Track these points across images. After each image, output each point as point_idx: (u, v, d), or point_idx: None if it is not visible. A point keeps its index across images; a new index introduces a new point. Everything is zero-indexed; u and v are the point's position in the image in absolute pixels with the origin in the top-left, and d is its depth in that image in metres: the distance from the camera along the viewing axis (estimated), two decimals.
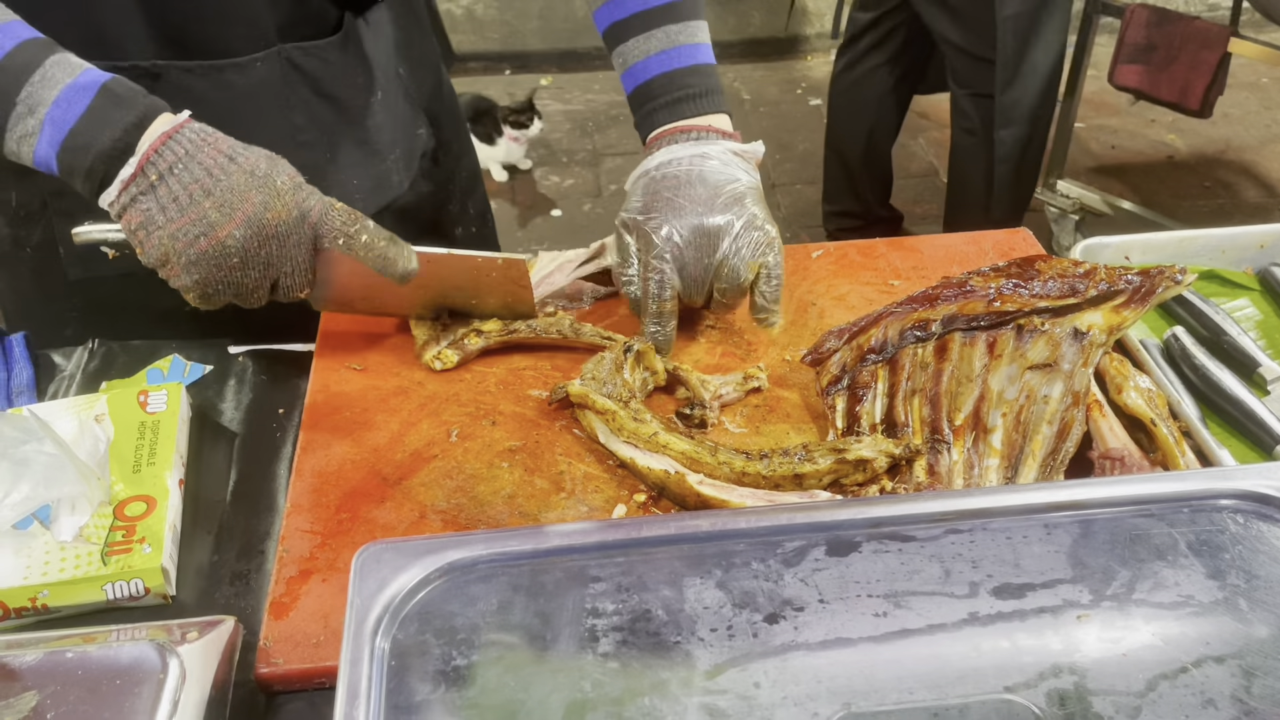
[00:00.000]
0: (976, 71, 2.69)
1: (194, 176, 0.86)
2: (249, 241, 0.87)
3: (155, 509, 0.85)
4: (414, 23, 1.26)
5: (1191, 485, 0.74)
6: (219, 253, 0.86)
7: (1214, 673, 0.63)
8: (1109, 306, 0.93)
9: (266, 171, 0.88)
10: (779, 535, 0.71)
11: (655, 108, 1.09)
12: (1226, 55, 2.81)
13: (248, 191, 0.86)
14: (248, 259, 0.88)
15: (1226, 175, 3.81)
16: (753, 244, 1.01)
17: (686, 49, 1.10)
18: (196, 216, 0.85)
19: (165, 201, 0.86)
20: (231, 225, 0.86)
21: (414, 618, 0.66)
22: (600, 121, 4.17)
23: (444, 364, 1.03)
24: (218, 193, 0.86)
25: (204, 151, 0.87)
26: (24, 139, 0.86)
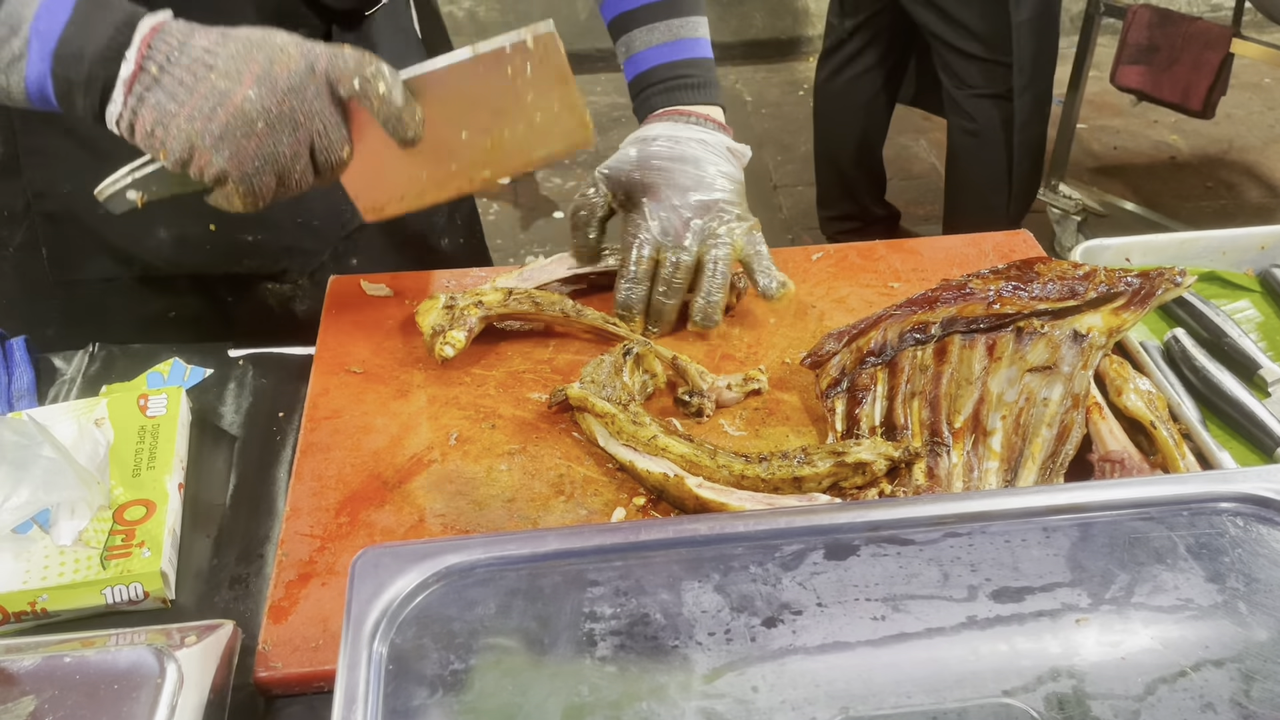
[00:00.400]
0: (984, 73, 2.68)
1: (193, 57, 0.82)
2: (266, 99, 0.82)
3: (155, 513, 0.85)
4: (399, 33, 1.25)
5: (1191, 488, 0.74)
6: (241, 120, 0.82)
7: (1213, 676, 0.63)
8: (1109, 309, 0.93)
9: (263, 35, 0.84)
10: (777, 539, 0.71)
11: (653, 93, 1.13)
12: (1229, 56, 2.81)
13: (249, 54, 0.83)
14: (271, 120, 0.83)
15: (1229, 176, 3.81)
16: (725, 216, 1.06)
17: (687, 42, 1.14)
18: (206, 90, 0.82)
19: (173, 88, 0.82)
20: (244, 88, 0.82)
21: (412, 622, 0.66)
22: (602, 124, 4.17)
23: (454, 347, 1.02)
24: (220, 63, 0.82)
25: (195, 36, 0.83)
26: (12, 64, 0.82)
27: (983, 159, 2.82)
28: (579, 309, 1.06)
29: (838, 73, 3.00)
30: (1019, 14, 2.54)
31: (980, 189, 2.87)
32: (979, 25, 2.62)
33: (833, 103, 3.06)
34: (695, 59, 1.14)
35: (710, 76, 1.15)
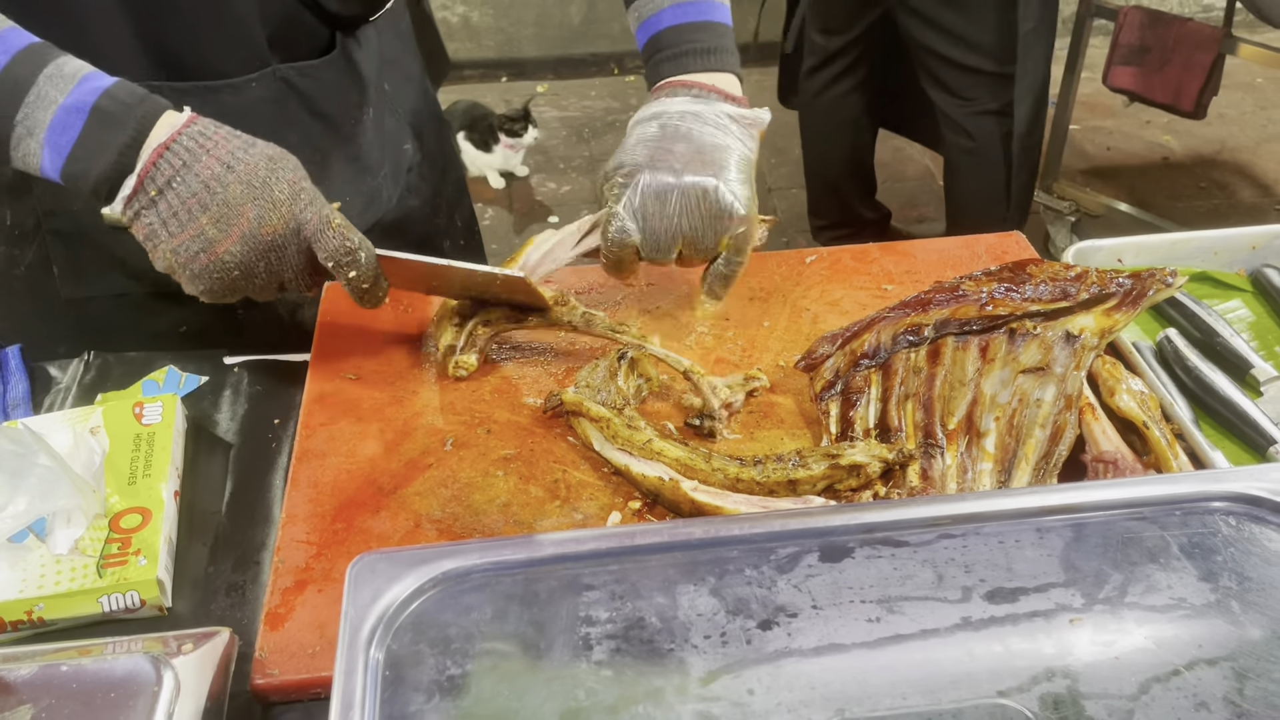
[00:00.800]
0: (987, 87, 2.67)
1: (191, 190, 0.86)
2: (246, 256, 0.89)
3: (150, 521, 0.85)
4: (398, 39, 1.26)
5: (1183, 488, 0.74)
6: (219, 267, 0.88)
7: (1206, 675, 0.63)
8: (1100, 310, 0.93)
9: (264, 180, 0.88)
10: (772, 541, 0.71)
11: (661, 59, 1.07)
12: (1220, 56, 2.82)
13: (243, 205, 0.87)
14: (248, 271, 0.90)
15: (1222, 176, 3.82)
16: (718, 213, 0.98)
17: (701, 4, 1.07)
18: (195, 233, 0.87)
19: (166, 216, 0.87)
20: (229, 242, 0.87)
21: (408, 628, 0.66)
22: (596, 128, 4.17)
23: (466, 370, 1.03)
24: (214, 207, 0.87)
25: (201, 161, 0.87)
26: (28, 158, 0.87)
27: (981, 175, 2.81)
28: (588, 317, 1.05)
29: (824, 90, 2.99)
30: (1026, 23, 2.54)
31: (981, 203, 2.87)
32: (986, 38, 2.59)
33: (819, 119, 3.06)
34: (706, 22, 1.07)
35: (722, 42, 1.07)
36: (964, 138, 2.76)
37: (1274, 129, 4.09)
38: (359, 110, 1.18)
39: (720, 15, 1.08)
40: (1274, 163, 3.87)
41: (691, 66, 1.05)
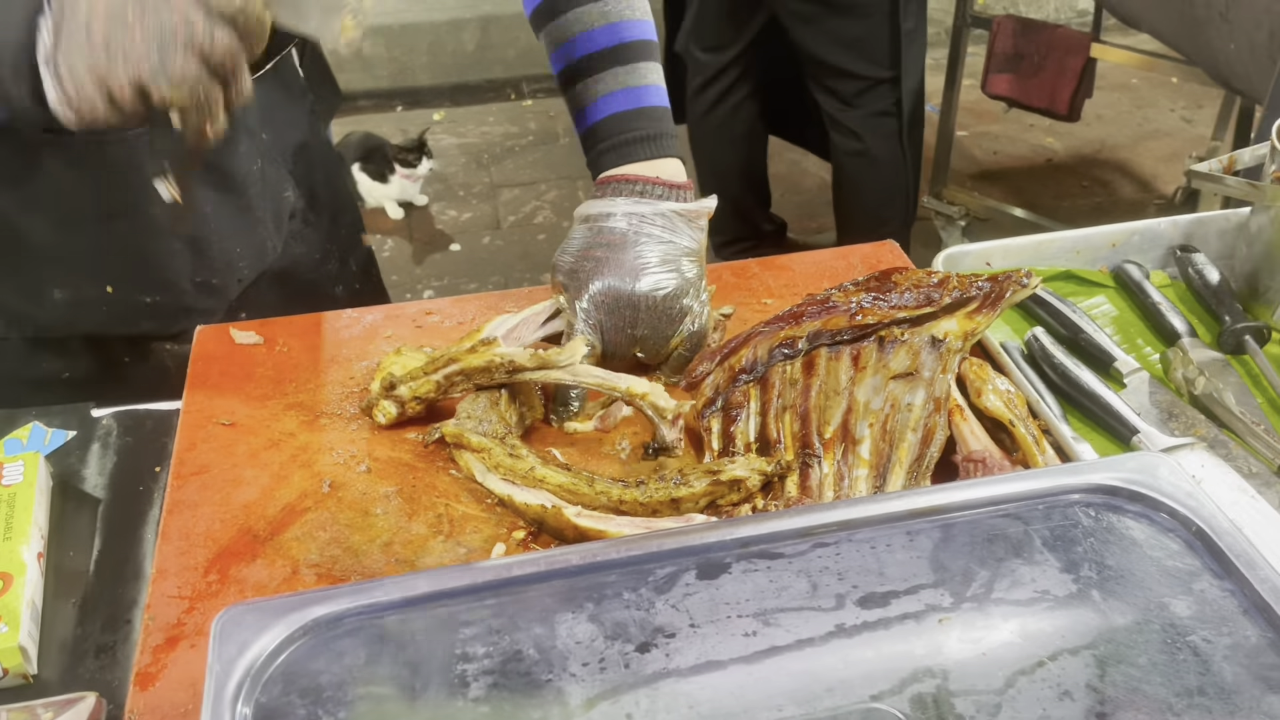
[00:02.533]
0: (873, 90, 2.73)
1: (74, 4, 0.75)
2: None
3: (11, 585, 0.82)
4: (281, 86, 1.23)
5: (1045, 483, 0.76)
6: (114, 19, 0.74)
7: (1069, 664, 0.65)
8: (962, 313, 0.96)
9: None
10: (650, 563, 0.71)
11: (603, 150, 1.08)
12: (1091, 60, 2.94)
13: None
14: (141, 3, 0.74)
15: (1103, 174, 3.97)
16: (673, 316, 1.02)
17: (635, 91, 1.08)
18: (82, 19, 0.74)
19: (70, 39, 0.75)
20: None
21: (278, 679, 0.64)
22: (495, 154, 4.17)
23: (386, 418, 0.99)
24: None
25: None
26: None
27: (873, 177, 2.87)
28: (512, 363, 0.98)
29: (713, 106, 3.02)
30: (906, 23, 2.61)
31: (872, 207, 2.93)
32: (872, 42, 2.67)
33: (711, 136, 3.09)
34: (645, 108, 1.09)
35: (663, 127, 1.09)
36: (853, 140, 2.82)
37: (1150, 127, 4.27)
38: (248, 161, 1.15)
39: (656, 99, 1.09)
40: (1150, 159, 4.04)
41: (635, 155, 1.07)
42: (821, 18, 2.66)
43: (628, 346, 1.03)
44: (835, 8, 2.64)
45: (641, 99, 1.08)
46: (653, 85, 1.09)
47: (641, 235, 1.01)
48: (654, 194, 1.04)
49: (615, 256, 1.01)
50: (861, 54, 2.68)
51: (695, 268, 1.03)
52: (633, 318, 1.01)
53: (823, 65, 2.76)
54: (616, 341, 1.02)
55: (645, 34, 1.11)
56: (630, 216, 1.02)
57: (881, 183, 2.86)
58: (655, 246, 1.01)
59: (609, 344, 1.03)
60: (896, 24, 2.61)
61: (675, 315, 1.02)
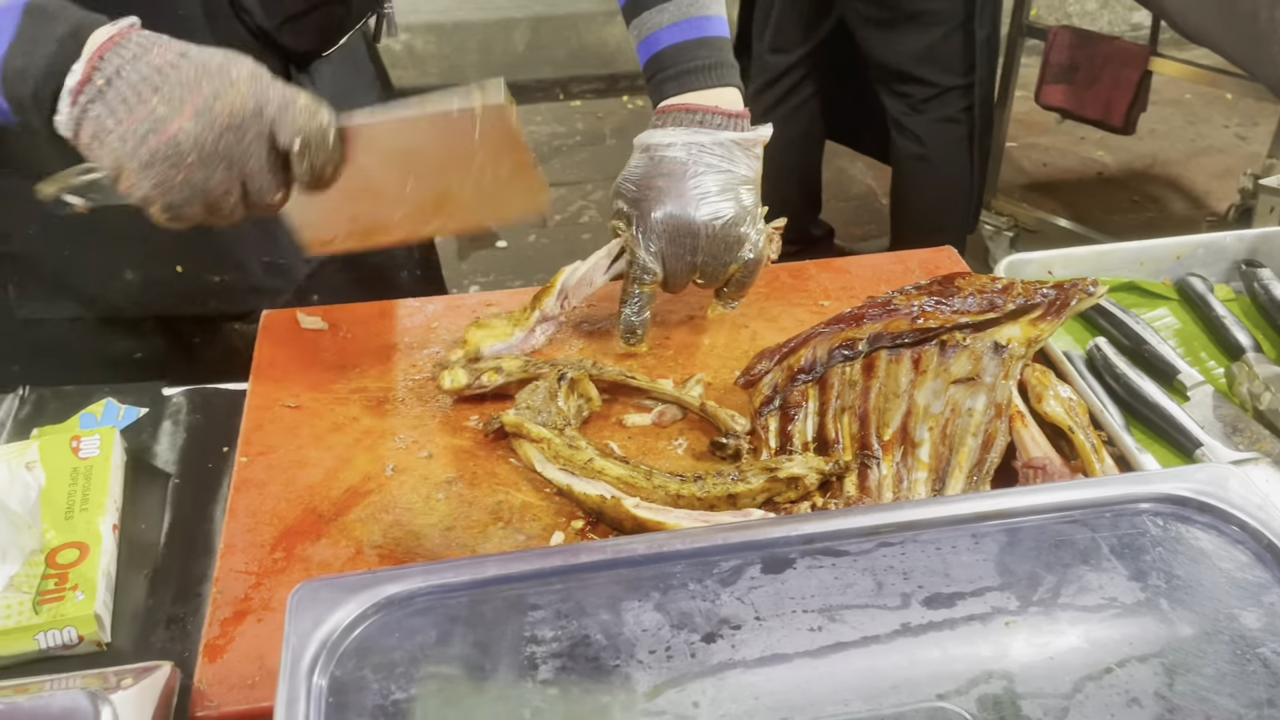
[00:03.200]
0: (942, 96, 2.71)
1: (142, 75, 0.79)
2: (202, 134, 0.79)
3: (88, 555, 0.84)
4: (353, 70, 1.26)
5: (1112, 490, 0.76)
6: (171, 150, 0.79)
7: (1137, 672, 0.65)
8: (1026, 320, 0.96)
9: (221, 64, 0.80)
10: (715, 555, 0.72)
11: (664, 79, 1.10)
12: (1147, 74, 2.90)
13: (198, 83, 0.79)
14: (204, 155, 0.80)
15: (1154, 189, 3.92)
16: (731, 243, 1.04)
17: (698, 21, 1.10)
18: (144, 114, 0.78)
19: (114, 104, 0.79)
20: (181, 119, 0.79)
21: (351, 653, 0.65)
22: (543, 153, 4.19)
23: (453, 382, 1.02)
24: (166, 88, 0.79)
25: (153, 52, 0.80)
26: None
27: (933, 182, 2.83)
28: (598, 367, 1.04)
29: (773, 108, 3.01)
30: (981, 30, 2.60)
31: (930, 212, 2.89)
32: (943, 50, 2.64)
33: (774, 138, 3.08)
34: (706, 38, 1.10)
35: (722, 56, 1.11)
36: (916, 144, 2.79)
37: (1203, 143, 4.21)
38: None
39: (717, 29, 1.11)
40: (1203, 175, 3.99)
41: (695, 84, 1.09)
42: (894, 25, 2.64)
43: (687, 274, 1.06)
44: (908, 15, 2.61)
45: (702, 29, 1.10)
46: (714, 15, 1.12)
47: (700, 164, 1.04)
48: (712, 123, 1.06)
49: (675, 185, 1.03)
50: (934, 61, 2.66)
51: (752, 196, 1.06)
52: (693, 245, 1.03)
53: (892, 71, 2.73)
54: (676, 269, 1.05)
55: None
56: (689, 146, 1.04)
57: (941, 188, 2.83)
58: (714, 175, 1.04)
59: (670, 271, 1.05)
60: (971, 31, 2.59)
61: (733, 243, 1.04)
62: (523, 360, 1.04)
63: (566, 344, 1.13)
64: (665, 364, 1.10)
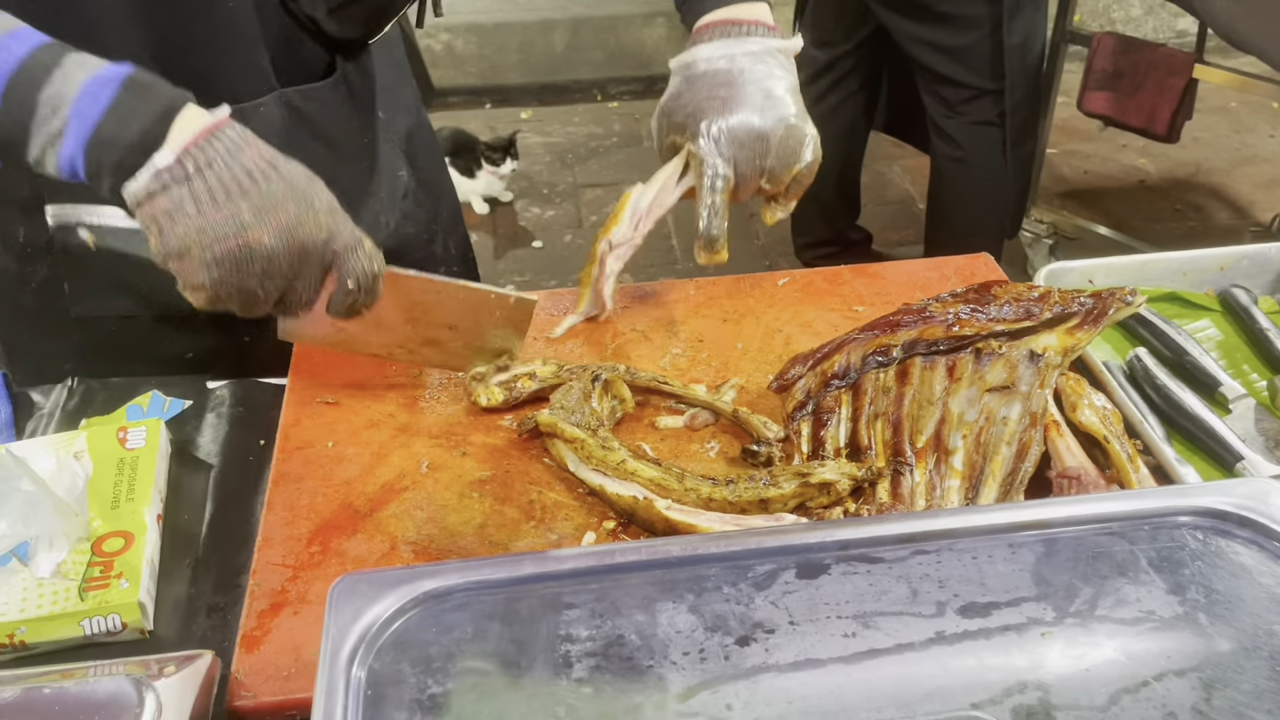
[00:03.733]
0: (976, 101, 2.70)
1: (234, 175, 0.83)
2: (276, 251, 0.84)
3: (133, 544, 0.86)
4: (393, 66, 1.28)
5: (1152, 503, 0.76)
6: (245, 256, 0.83)
7: (1175, 686, 0.64)
8: (1063, 329, 0.95)
9: (305, 188, 0.86)
10: (750, 559, 0.72)
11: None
12: (1192, 81, 2.87)
13: (285, 202, 0.84)
14: (270, 269, 0.85)
15: (1197, 198, 3.87)
16: (795, 144, 1.07)
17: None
18: (231, 214, 0.83)
19: (200, 193, 0.82)
20: (264, 232, 0.83)
21: (389, 647, 0.66)
22: (580, 154, 4.20)
23: (489, 400, 1.03)
24: (256, 196, 0.83)
25: (246, 153, 0.84)
26: (50, 141, 0.82)
27: (969, 185, 2.82)
28: (632, 372, 1.04)
29: (816, 103, 3.02)
30: (1011, 38, 2.58)
31: (965, 215, 2.88)
32: (974, 54, 2.63)
33: None
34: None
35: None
36: (953, 147, 2.79)
37: (1248, 152, 4.15)
38: (360, 135, 1.20)
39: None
40: (1247, 185, 3.92)
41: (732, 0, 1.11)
42: (925, 27, 2.64)
43: (756, 178, 1.09)
44: (939, 18, 2.61)
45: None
46: None
47: (757, 72, 1.07)
48: (757, 33, 1.09)
49: (738, 94, 1.06)
50: (966, 64, 2.65)
51: (798, 99, 1.10)
52: (764, 149, 1.07)
53: (928, 71, 2.73)
54: (748, 174, 1.08)
55: None
56: (744, 56, 1.07)
57: (977, 193, 2.81)
58: (772, 82, 1.07)
59: (740, 176, 1.08)
60: (1000, 38, 2.58)
61: (797, 144, 1.08)
62: (555, 366, 1.05)
63: (600, 348, 1.13)
64: (698, 367, 1.10)
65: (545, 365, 1.05)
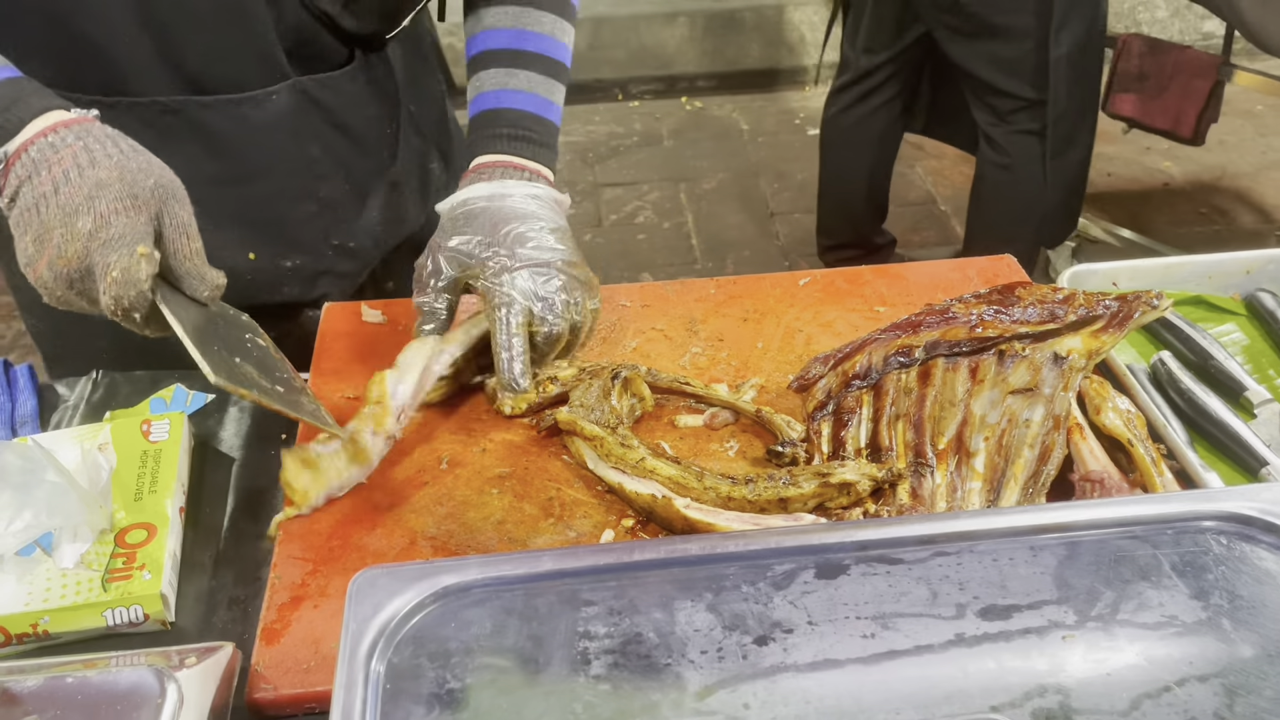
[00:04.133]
0: (1024, 111, 2.69)
1: (26, 205, 0.83)
2: (54, 283, 0.84)
3: (156, 536, 0.86)
4: (420, 60, 1.29)
5: (1175, 507, 0.75)
6: (42, 285, 0.85)
7: (1197, 692, 0.64)
8: (1088, 331, 0.94)
9: (76, 208, 0.82)
10: (768, 558, 0.72)
11: (497, 135, 1.11)
12: (1219, 83, 2.84)
13: (53, 230, 0.83)
14: (63, 296, 0.85)
15: (1222, 202, 3.83)
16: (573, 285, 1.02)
17: (542, 99, 1.13)
18: (23, 248, 0.84)
19: (14, 223, 0.85)
20: (41, 264, 0.84)
21: (409, 641, 0.67)
22: (600, 153, 4.21)
23: (514, 409, 1.02)
24: (35, 226, 0.83)
25: (40, 176, 0.83)
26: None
27: (1011, 193, 2.81)
28: (653, 373, 1.04)
29: (852, 107, 2.99)
30: (1057, 49, 2.57)
31: (1006, 220, 2.86)
32: (1021, 65, 2.62)
33: (844, 136, 3.05)
34: (544, 118, 1.13)
35: (552, 140, 1.14)
36: (1000, 154, 2.78)
37: (1274, 155, 4.11)
38: (381, 125, 1.20)
39: (555, 116, 1.16)
40: (1273, 189, 3.89)
41: (525, 153, 1.11)
42: (974, 36, 2.64)
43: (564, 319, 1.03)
44: (988, 28, 2.61)
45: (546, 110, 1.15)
46: (557, 104, 1.16)
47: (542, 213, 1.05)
48: (536, 181, 1.09)
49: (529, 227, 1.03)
50: (1014, 74, 2.65)
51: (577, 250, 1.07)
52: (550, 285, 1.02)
53: (977, 81, 2.73)
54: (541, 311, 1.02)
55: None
56: (528, 198, 1.06)
57: (1017, 201, 2.80)
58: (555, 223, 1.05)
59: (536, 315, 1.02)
60: (1046, 49, 2.57)
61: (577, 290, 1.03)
62: (576, 369, 1.05)
63: (619, 348, 1.13)
64: (718, 366, 1.10)
65: (567, 369, 1.05)
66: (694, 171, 4.03)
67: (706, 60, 4.70)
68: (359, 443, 0.93)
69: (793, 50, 4.74)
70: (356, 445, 0.92)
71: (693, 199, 3.83)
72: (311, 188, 1.14)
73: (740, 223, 3.67)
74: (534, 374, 1.03)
